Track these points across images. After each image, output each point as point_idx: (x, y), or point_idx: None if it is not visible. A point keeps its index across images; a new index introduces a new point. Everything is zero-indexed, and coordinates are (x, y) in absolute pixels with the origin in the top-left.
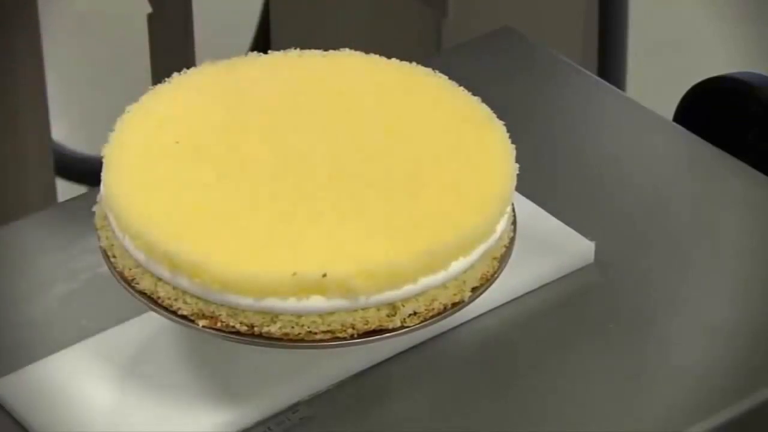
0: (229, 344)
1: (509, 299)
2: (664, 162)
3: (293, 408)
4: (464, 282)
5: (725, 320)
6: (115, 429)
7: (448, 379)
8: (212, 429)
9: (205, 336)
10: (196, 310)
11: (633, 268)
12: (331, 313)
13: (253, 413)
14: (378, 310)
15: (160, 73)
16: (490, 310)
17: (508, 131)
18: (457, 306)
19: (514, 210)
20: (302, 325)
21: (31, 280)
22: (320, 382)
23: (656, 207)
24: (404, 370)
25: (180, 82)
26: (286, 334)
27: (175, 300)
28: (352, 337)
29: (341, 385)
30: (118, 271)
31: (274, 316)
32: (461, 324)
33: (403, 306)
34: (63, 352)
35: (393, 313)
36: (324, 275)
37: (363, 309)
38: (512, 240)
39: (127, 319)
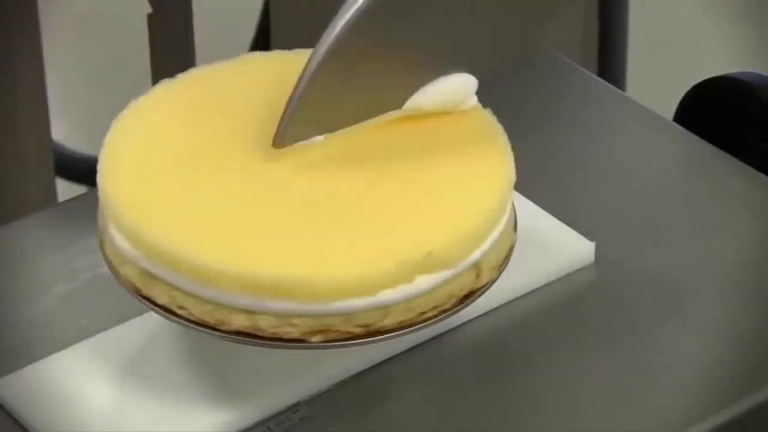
0: (229, 344)
1: (510, 299)
2: (664, 162)
3: (293, 408)
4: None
5: (725, 320)
6: (115, 429)
7: (448, 379)
8: (212, 429)
9: (205, 336)
10: (306, 330)
11: (633, 268)
12: (436, 288)
13: (253, 413)
14: (468, 273)
15: (160, 73)
16: (491, 310)
17: (508, 131)
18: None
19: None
20: (412, 310)
21: (31, 280)
22: (320, 382)
23: (656, 207)
24: (404, 370)
25: (167, 89)
26: (400, 323)
27: (279, 327)
28: (453, 306)
29: (341, 385)
30: (193, 318)
31: (386, 309)
32: (461, 324)
33: (483, 265)
34: (63, 352)
35: (478, 274)
36: (429, 253)
37: (459, 275)
38: (515, 222)
39: (127, 319)
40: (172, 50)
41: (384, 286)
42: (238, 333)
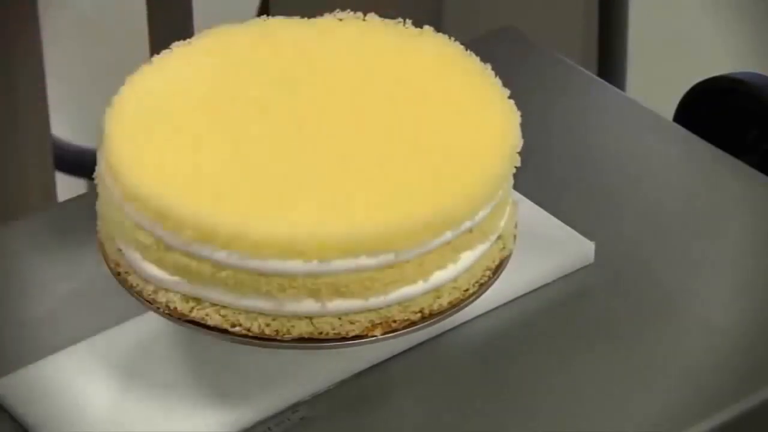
0: (229, 344)
1: (509, 299)
2: (664, 162)
3: (293, 408)
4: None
5: (725, 320)
6: (115, 429)
7: (448, 379)
8: (212, 429)
9: (204, 336)
10: (367, 325)
11: (633, 268)
12: (475, 263)
13: (253, 413)
14: (496, 245)
15: None
16: (491, 310)
17: None
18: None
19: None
20: (458, 288)
21: (32, 280)
22: (320, 382)
23: (656, 207)
24: (404, 370)
25: (172, 56)
26: (450, 303)
27: (340, 327)
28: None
29: (341, 385)
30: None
31: (439, 290)
32: (461, 324)
33: (505, 235)
34: (63, 352)
35: (503, 245)
36: (471, 230)
37: (491, 247)
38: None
39: (127, 319)
40: None
41: (437, 268)
42: (229, 333)
